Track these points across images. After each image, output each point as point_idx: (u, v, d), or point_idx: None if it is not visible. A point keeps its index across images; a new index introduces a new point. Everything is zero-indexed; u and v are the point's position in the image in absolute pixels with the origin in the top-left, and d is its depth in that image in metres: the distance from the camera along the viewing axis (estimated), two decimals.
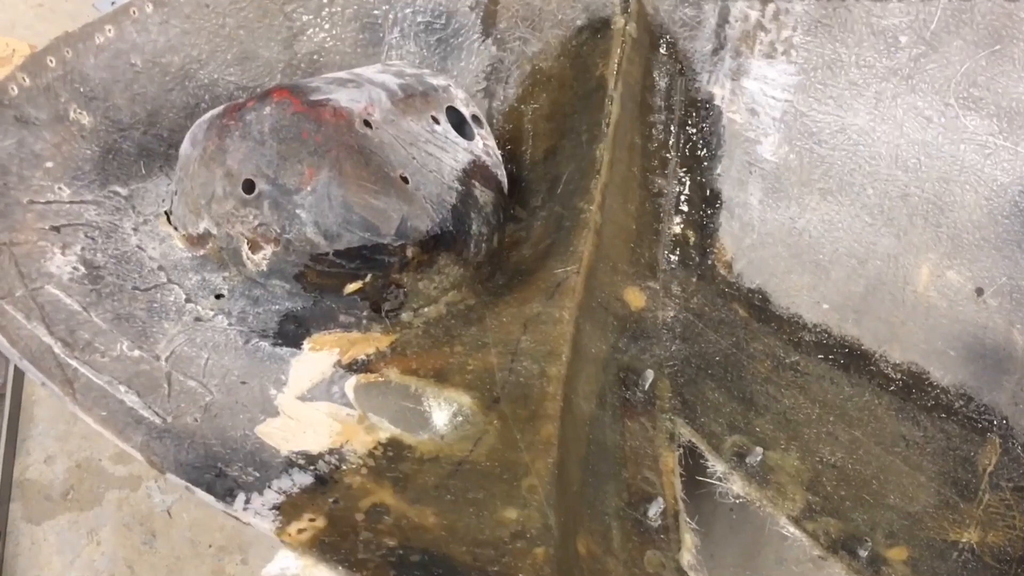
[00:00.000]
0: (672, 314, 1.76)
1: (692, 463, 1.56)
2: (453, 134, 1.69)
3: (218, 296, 1.56)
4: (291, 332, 1.54)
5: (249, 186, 1.50)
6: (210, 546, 2.12)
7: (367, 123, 1.55)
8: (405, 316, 1.60)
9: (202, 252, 1.59)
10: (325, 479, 1.27)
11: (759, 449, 1.55)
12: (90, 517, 2.16)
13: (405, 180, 1.55)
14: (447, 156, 1.64)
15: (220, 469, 1.25)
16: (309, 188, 1.49)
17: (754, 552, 2.01)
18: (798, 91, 1.89)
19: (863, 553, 1.47)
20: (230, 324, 1.52)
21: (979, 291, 1.78)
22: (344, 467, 1.30)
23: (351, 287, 1.55)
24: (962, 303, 1.79)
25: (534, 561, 1.11)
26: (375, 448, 1.34)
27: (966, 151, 1.79)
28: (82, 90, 1.63)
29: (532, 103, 1.96)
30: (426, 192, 1.57)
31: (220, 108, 1.60)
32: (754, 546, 2.01)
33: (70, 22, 1.68)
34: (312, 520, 1.18)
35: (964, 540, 1.55)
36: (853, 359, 1.79)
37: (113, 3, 2.04)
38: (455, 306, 1.63)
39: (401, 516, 1.19)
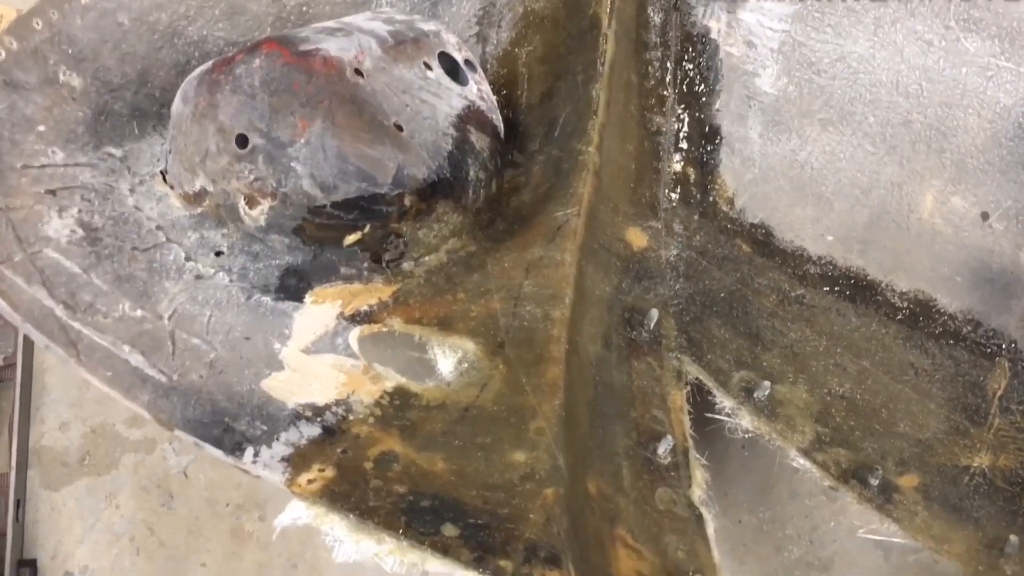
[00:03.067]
0: (675, 253, 1.75)
1: (700, 400, 1.56)
2: (446, 80, 1.66)
3: (218, 253, 1.56)
4: (292, 286, 1.54)
5: (242, 141, 1.49)
6: (227, 504, 2.14)
7: (358, 72, 1.53)
8: (406, 266, 1.60)
9: (199, 210, 1.58)
10: (333, 430, 1.28)
11: (767, 383, 1.55)
12: (107, 481, 2.18)
13: (399, 128, 1.53)
14: (441, 102, 1.62)
15: (227, 424, 1.26)
16: (303, 140, 1.47)
17: (767, 488, 2.02)
18: (795, 20, 1.85)
19: (874, 481, 1.47)
20: (231, 281, 1.52)
21: (984, 216, 1.76)
22: (351, 417, 1.30)
23: (350, 238, 1.55)
24: (968, 228, 1.77)
25: (544, 502, 1.11)
26: (381, 397, 1.34)
27: (968, 74, 1.76)
28: (70, 51, 1.61)
29: (526, 46, 1.92)
30: (421, 140, 1.56)
31: (209, 63, 1.58)
32: (767, 481, 2.02)
33: None
34: (321, 470, 1.18)
35: (975, 464, 1.55)
36: (859, 290, 1.78)
37: None
38: (456, 253, 1.62)
39: (410, 463, 1.20)
